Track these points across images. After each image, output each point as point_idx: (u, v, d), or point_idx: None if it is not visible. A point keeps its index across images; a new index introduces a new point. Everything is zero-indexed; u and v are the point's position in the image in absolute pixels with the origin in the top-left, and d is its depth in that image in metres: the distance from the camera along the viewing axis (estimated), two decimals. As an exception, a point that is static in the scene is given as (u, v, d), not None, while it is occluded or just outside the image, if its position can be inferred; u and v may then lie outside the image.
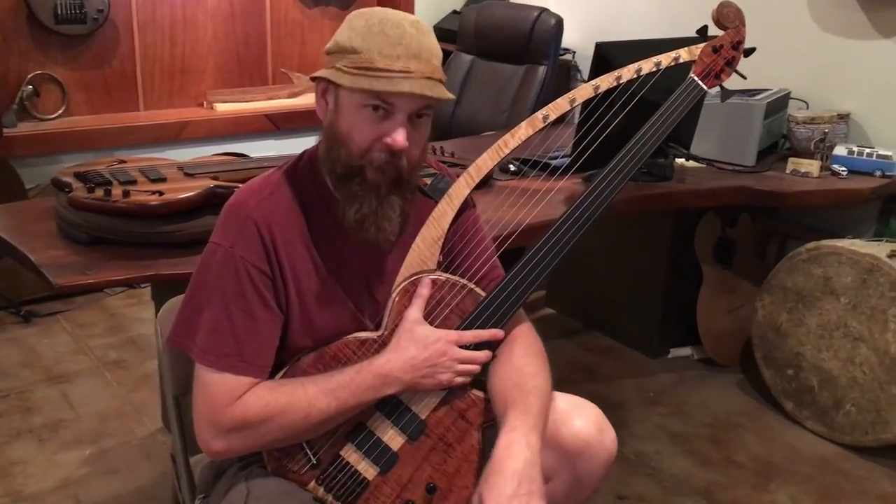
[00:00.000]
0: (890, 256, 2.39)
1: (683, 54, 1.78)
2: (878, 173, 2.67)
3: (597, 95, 1.74)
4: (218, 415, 1.27)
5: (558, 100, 1.70)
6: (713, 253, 2.91)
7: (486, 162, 1.58)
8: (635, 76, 1.75)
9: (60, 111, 3.42)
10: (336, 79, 1.25)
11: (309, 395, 1.27)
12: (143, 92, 3.59)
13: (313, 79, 1.34)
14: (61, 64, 3.39)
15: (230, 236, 1.30)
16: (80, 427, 2.50)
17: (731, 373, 2.92)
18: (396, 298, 1.39)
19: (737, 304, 2.97)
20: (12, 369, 2.80)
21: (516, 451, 1.27)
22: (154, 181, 1.99)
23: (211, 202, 1.95)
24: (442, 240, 1.44)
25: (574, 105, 1.71)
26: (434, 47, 1.29)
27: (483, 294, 1.43)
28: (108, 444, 2.41)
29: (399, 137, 1.26)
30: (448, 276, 1.43)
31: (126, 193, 1.89)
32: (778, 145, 2.93)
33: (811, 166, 2.68)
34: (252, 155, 2.34)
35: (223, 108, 3.67)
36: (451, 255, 1.48)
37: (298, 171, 1.38)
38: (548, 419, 1.36)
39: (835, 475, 2.39)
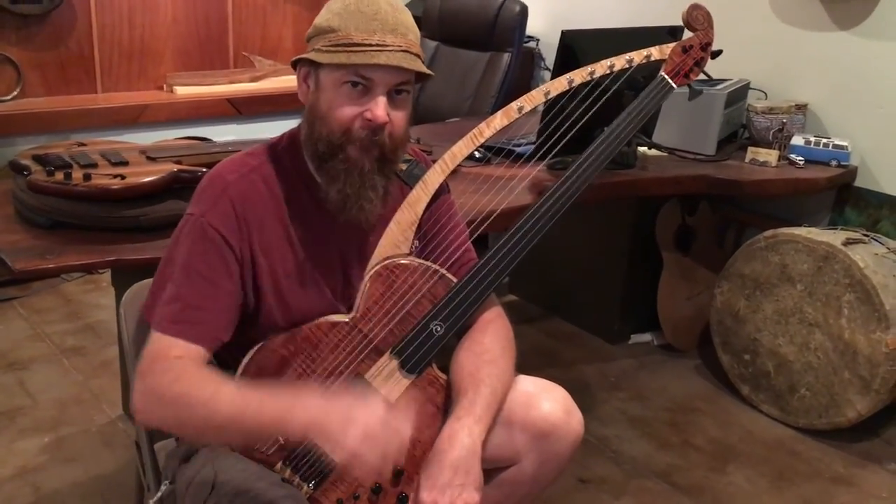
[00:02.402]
0: (845, 244, 2.45)
1: (655, 53, 1.81)
2: (833, 163, 2.73)
3: (571, 89, 1.77)
4: (150, 372, 1.25)
5: (533, 91, 1.72)
6: (673, 240, 2.96)
7: (461, 149, 1.61)
8: (608, 72, 1.78)
9: (15, 92, 3.33)
10: (315, 58, 1.27)
11: (220, 392, 1.21)
12: (100, 74, 3.52)
13: (294, 64, 1.35)
14: (16, 44, 3.30)
15: (203, 206, 1.31)
16: (37, 414, 2.46)
17: (690, 358, 2.98)
18: (369, 282, 1.40)
19: (696, 290, 3.03)
20: (-33, 356, 2.75)
21: (457, 442, 1.30)
22: (116, 165, 1.96)
23: (173, 186, 1.93)
24: (416, 225, 1.45)
25: (549, 98, 1.74)
26: (410, 23, 1.31)
27: (455, 280, 1.44)
28: (67, 432, 2.38)
29: (379, 111, 1.27)
30: (420, 261, 1.44)
31: (87, 177, 1.86)
32: (737, 135, 2.98)
33: (769, 156, 2.73)
34: (215, 140, 2.32)
35: (183, 91, 3.61)
36: (426, 240, 1.49)
37: (279, 151, 1.38)
38: (502, 404, 1.38)
39: (789, 457, 2.45)
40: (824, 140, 2.75)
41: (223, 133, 3.49)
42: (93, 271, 3.16)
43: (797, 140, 2.77)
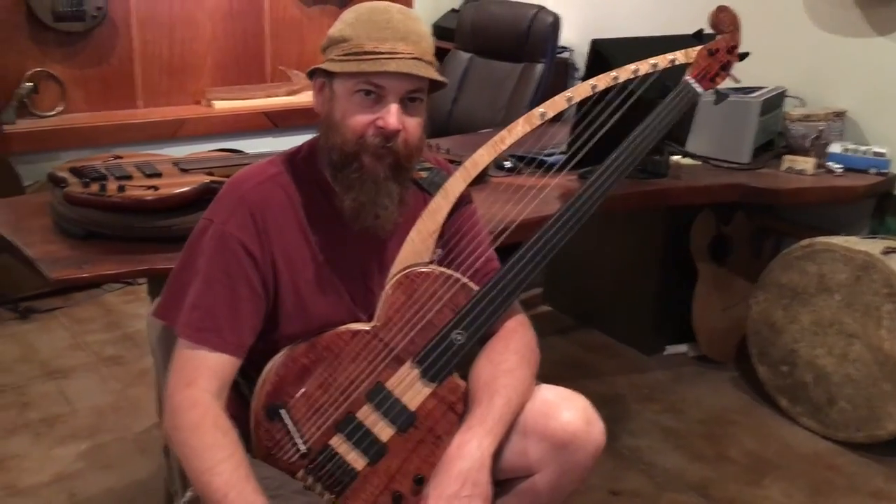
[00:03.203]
0: (884, 253, 2.40)
1: (680, 56, 1.80)
2: (872, 171, 2.68)
3: (594, 94, 1.76)
4: (177, 387, 1.29)
5: (556, 97, 1.72)
6: (708, 250, 2.92)
7: (482, 157, 1.60)
8: (632, 76, 1.77)
9: (59, 108, 3.43)
10: (328, 67, 1.29)
11: (217, 468, 1.23)
12: (141, 89, 3.60)
13: (310, 74, 1.37)
14: (60, 61, 3.40)
15: (222, 214, 1.33)
16: (76, 422, 2.51)
17: (726, 370, 2.93)
18: (390, 291, 1.41)
19: (732, 301, 2.98)
20: (10, 365, 2.81)
21: (466, 453, 1.29)
22: (149, 176, 2.00)
23: (205, 197, 1.95)
24: (437, 234, 1.46)
25: (571, 103, 1.73)
26: (423, 31, 1.32)
27: (476, 288, 1.44)
28: (104, 439, 2.42)
29: (391, 119, 1.29)
30: (442, 269, 1.44)
31: (121, 188, 1.89)
32: (773, 143, 2.93)
33: (806, 164, 2.69)
34: (248, 152, 2.35)
35: (221, 105, 3.68)
36: (448, 249, 1.49)
37: (298, 161, 1.40)
38: (517, 415, 1.37)
39: (828, 471, 2.40)
40: (863, 148, 2.70)
41: (260, 146, 3.54)
42: (130, 281, 3.22)
43: (835, 148, 2.72)
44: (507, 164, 2.48)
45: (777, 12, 2.97)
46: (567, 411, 1.38)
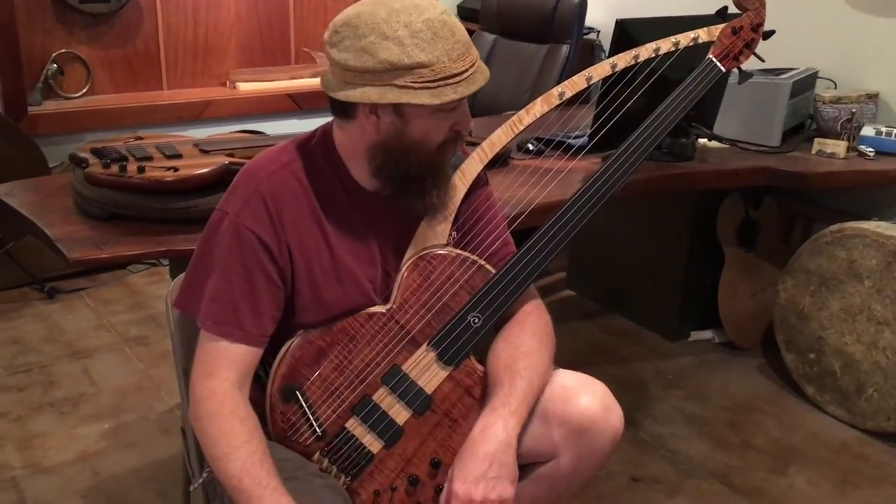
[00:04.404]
0: (916, 239, 2.34)
1: (702, 35, 1.76)
2: (906, 154, 2.61)
3: (614, 73, 1.73)
4: (198, 378, 1.30)
5: (574, 77, 1.69)
6: (736, 235, 2.87)
7: (499, 138, 1.58)
8: (653, 55, 1.74)
9: (85, 90, 3.44)
10: (414, 99, 1.22)
11: (234, 453, 1.24)
12: (166, 71, 3.61)
13: (342, 108, 1.29)
14: (85, 42, 3.41)
15: (236, 205, 1.31)
16: (99, 401, 2.53)
17: (752, 356, 2.89)
18: (405, 273, 1.39)
19: (759, 287, 2.93)
20: (36, 344, 2.84)
21: (491, 434, 1.28)
22: (169, 157, 1.99)
23: (225, 179, 1.94)
24: (453, 215, 1.44)
25: (591, 83, 1.70)
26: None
27: (493, 271, 1.42)
28: (127, 419, 2.44)
29: (469, 122, 1.32)
30: (458, 251, 1.43)
31: (141, 169, 1.89)
32: (804, 126, 2.87)
33: (837, 147, 2.62)
34: (270, 133, 2.34)
35: (246, 87, 3.68)
36: (463, 231, 1.48)
37: (312, 147, 1.37)
38: (538, 396, 1.36)
39: (855, 461, 2.36)
40: (896, 130, 2.63)
41: (284, 128, 3.55)
42: (155, 262, 3.24)
43: (867, 131, 2.65)
44: (531, 146, 2.45)
45: (810, -8, 2.90)
46: (585, 396, 1.36)
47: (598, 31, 3.66)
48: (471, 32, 3.53)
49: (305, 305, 1.35)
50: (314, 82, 3.82)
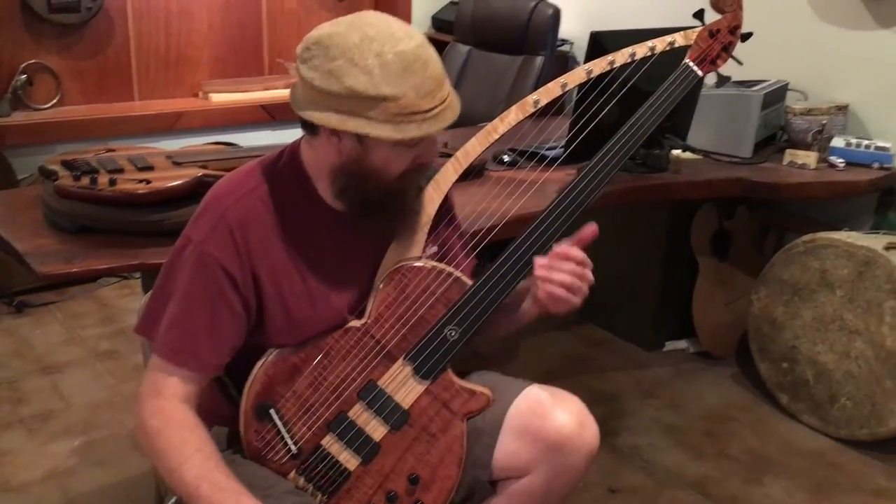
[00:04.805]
0: (886, 249, 2.36)
1: (679, 39, 1.75)
2: (875, 165, 2.64)
3: (590, 80, 1.72)
4: (145, 397, 1.28)
5: (549, 84, 1.69)
6: (710, 245, 2.89)
7: (474, 147, 1.58)
8: (629, 60, 1.73)
9: (54, 101, 3.40)
10: (375, 131, 1.18)
11: (187, 463, 1.22)
12: (137, 82, 3.57)
13: (311, 124, 1.26)
14: (55, 53, 3.37)
15: (202, 232, 1.29)
16: (70, 417, 2.48)
17: (727, 366, 2.90)
18: (381, 286, 1.38)
19: (733, 296, 2.95)
20: (4, 359, 2.79)
21: None
22: (141, 169, 1.97)
23: (198, 191, 1.92)
24: (428, 226, 1.43)
25: (566, 90, 1.70)
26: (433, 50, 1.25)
27: (469, 283, 1.41)
28: (98, 435, 2.40)
29: (435, 152, 1.30)
30: (434, 263, 1.41)
31: (112, 182, 1.87)
32: (776, 137, 2.90)
33: (808, 158, 2.65)
34: (243, 145, 2.32)
35: (218, 98, 3.65)
36: (439, 242, 1.47)
37: (279, 168, 1.35)
38: None
39: (829, 469, 2.37)
40: (865, 142, 2.66)
41: (258, 139, 3.52)
42: (126, 276, 3.19)
43: (837, 142, 2.69)
44: (507, 157, 2.45)
45: (780, 5, 2.94)
46: (561, 413, 1.36)
47: (572, 43, 3.68)
48: (445, 44, 3.55)
49: (279, 329, 1.33)
50: (288, 93, 3.80)
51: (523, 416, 1.36)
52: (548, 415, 1.36)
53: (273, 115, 3.69)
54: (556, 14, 3.22)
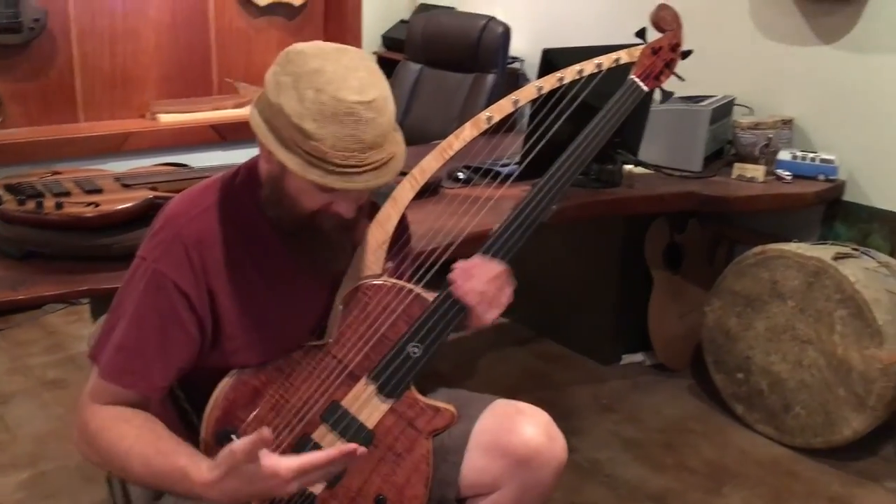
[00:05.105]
0: (835, 259, 2.41)
1: (624, 56, 1.79)
2: (821, 177, 2.70)
3: (540, 97, 1.75)
4: (81, 409, 1.26)
5: (502, 101, 1.70)
6: (663, 258, 2.92)
7: (430, 164, 1.57)
8: (578, 77, 1.76)
9: (-4, 123, 3.30)
10: (283, 158, 1.16)
11: (132, 451, 1.20)
12: (82, 103, 3.49)
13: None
14: (-4, 75, 3.28)
15: (155, 251, 1.26)
16: (16, 450, 2.40)
17: (683, 378, 2.93)
18: (341, 306, 1.36)
19: (687, 309, 2.99)
20: (-55, 391, 2.69)
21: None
22: (89, 192, 1.92)
23: (149, 214, 1.88)
24: (387, 244, 1.42)
25: (518, 106, 1.71)
26: (390, 117, 1.20)
27: (430, 299, 1.40)
28: (47, 468, 2.32)
29: (350, 211, 1.25)
30: (394, 281, 1.40)
31: (59, 205, 1.82)
32: (723, 151, 2.95)
33: (756, 171, 2.71)
34: (194, 166, 2.28)
35: (167, 119, 3.59)
36: (398, 260, 1.46)
37: (236, 186, 1.32)
38: None
39: (786, 478, 2.40)
40: (811, 154, 2.73)
41: (208, 160, 3.45)
42: (73, 301, 3.11)
43: (784, 155, 2.75)
44: (461, 175, 2.45)
45: (724, 21, 3.00)
46: (529, 427, 1.35)
47: (523, 61, 3.71)
48: (395, 62, 3.55)
49: (237, 349, 1.30)
50: (238, 113, 3.76)
51: (490, 431, 1.35)
52: (515, 429, 1.35)
53: (223, 135, 3.64)
54: (507, 32, 3.25)
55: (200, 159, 3.25)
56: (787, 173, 2.71)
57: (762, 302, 2.55)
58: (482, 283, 1.36)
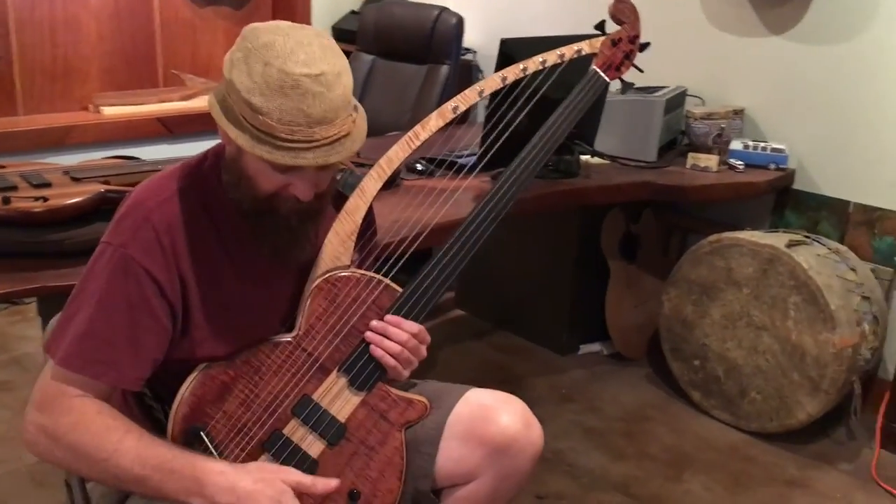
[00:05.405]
0: (789, 246, 2.46)
1: (585, 47, 1.81)
2: (772, 166, 2.75)
3: (504, 87, 1.74)
4: (48, 408, 1.18)
5: (466, 91, 1.69)
6: (619, 248, 2.94)
7: (396, 154, 1.55)
8: (540, 67, 1.76)
9: (-70, 117, 3.17)
10: (234, 136, 1.14)
11: (121, 445, 1.15)
12: (22, 96, 3.37)
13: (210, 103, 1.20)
14: (-71, 66, 3.14)
15: (123, 236, 1.20)
16: (-40, 455, 2.30)
17: (640, 366, 2.96)
18: (310, 298, 1.33)
19: (642, 298, 3.01)
20: None
21: None
22: (37, 186, 1.84)
23: (101, 208, 1.83)
24: (355, 234, 1.39)
25: (483, 96, 1.70)
26: (342, 92, 1.16)
27: (400, 290, 1.38)
28: (-7, 473, 2.24)
29: (306, 193, 1.20)
30: (363, 272, 1.37)
31: (6, 200, 1.74)
32: (676, 141, 2.98)
33: (710, 161, 2.74)
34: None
35: (111, 111, 3.48)
36: (365, 252, 1.44)
37: (204, 171, 1.29)
38: None
39: (744, 462, 2.44)
40: (762, 144, 2.77)
41: (155, 153, 3.36)
42: (16, 301, 3.00)
43: (736, 145, 2.79)
44: (419, 166, 2.43)
45: (674, 13, 3.03)
46: (505, 415, 1.34)
47: (475, 52, 3.69)
48: (348, 54, 3.50)
49: (206, 338, 1.25)
50: (184, 105, 3.67)
51: (466, 420, 1.34)
52: (492, 417, 1.34)
53: (170, 128, 3.55)
54: (460, 23, 3.23)
55: (147, 153, 3.15)
56: (740, 163, 2.75)
57: (718, 289, 2.58)
58: (398, 345, 1.31)
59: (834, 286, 2.40)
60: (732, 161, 2.76)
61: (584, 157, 2.65)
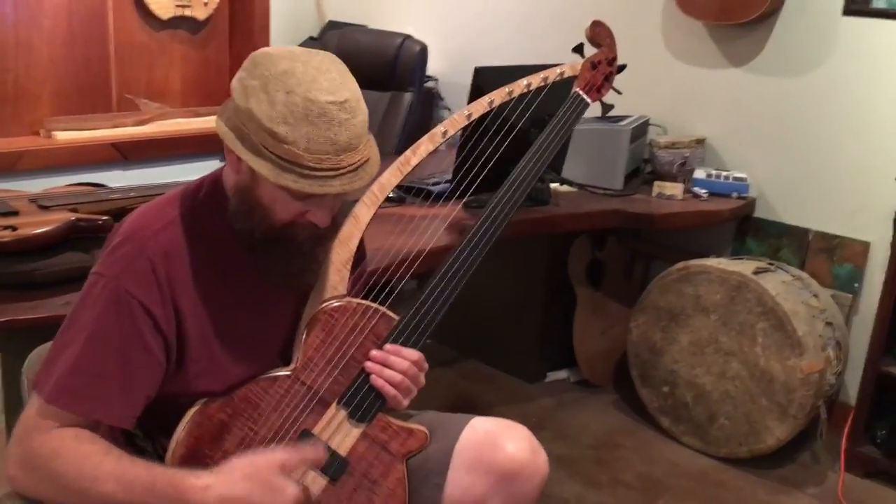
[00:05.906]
0: (756, 273, 2.50)
1: (567, 70, 1.84)
2: (734, 195, 2.81)
3: (491, 111, 1.75)
4: (27, 440, 1.14)
5: (454, 115, 1.70)
6: (585, 275, 2.96)
7: (388, 180, 1.55)
8: (526, 90, 1.78)
9: None
10: (256, 166, 1.11)
11: (100, 470, 1.11)
12: (-31, 119, 3.25)
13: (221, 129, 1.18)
14: None
15: (116, 266, 1.16)
16: None
17: (607, 393, 2.97)
18: (306, 331, 1.29)
19: (609, 324, 3.03)
20: None
21: None
22: (4, 215, 1.78)
23: (72, 236, 1.77)
24: (350, 263, 1.37)
25: (471, 120, 1.72)
26: (364, 118, 1.16)
27: (396, 318, 1.36)
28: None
29: (325, 220, 1.20)
30: (358, 300, 1.35)
31: (-28, 228, 1.67)
32: (640, 169, 3.03)
33: (675, 189, 2.78)
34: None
35: (63, 136, 3.37)
36: (358, 280, 1.42)
37: (201, 198, 1.25)
38: None
39: (715, 488, 2.45)
40: (724, 173, 2.83)
41: (111, 179, 3.26)
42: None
43: (699, 173, 2.84)
44: (392, 194, 2.40)
45: (638, 44, 3.08)
46: (511, 441, 1.34)
47: (437, 80, 3.70)
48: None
49: (202, 372, 1.21)
50: (140, 131, 3.59)
51: (473, 448, 1.33)
52: (499, 444, 1.33)
53: (125, 154, 3.45)
54: (424, 50, 3.25)
55: (102, 178, 3.06)
56: (704, 191, 2.80)
57: (686, 316, 2.61)
58: (398, 373, 1.31)
59: (800, 312, 2.45)
60: (696, 189, 2.81)
61: (552, 185, 2.66)
